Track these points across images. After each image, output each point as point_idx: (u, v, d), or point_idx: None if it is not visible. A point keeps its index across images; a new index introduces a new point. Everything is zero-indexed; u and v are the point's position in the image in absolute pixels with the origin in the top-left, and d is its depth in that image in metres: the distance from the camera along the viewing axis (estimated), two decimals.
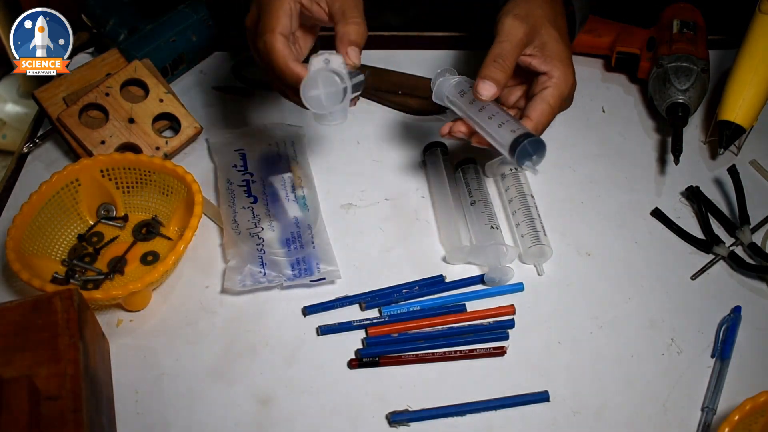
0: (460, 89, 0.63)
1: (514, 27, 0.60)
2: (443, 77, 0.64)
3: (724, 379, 0.60)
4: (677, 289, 0.67)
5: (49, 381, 0.49)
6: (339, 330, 0.62)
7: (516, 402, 0.58)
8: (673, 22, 0.81)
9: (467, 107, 0.61)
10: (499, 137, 0.57)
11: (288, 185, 0.71)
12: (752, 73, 0.75)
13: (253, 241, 0.66)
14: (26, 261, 0.60)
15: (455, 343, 0.62)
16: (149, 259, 0.66)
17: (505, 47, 0.59)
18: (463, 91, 0.62)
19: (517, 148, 0.56)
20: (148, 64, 0.76)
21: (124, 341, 0.62)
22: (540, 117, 0.60)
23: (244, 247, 0.65)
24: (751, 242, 0.69)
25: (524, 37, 0.60)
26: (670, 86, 0.77)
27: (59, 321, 0.52)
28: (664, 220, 0.72)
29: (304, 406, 0.58)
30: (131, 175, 0.68)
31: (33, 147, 0.76)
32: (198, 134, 0.76)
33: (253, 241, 0.66)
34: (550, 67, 0.61)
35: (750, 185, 0.73)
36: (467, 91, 0.62)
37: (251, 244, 0.66)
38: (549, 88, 0.60)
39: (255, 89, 0.83)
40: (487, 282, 0.64)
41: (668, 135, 0.79)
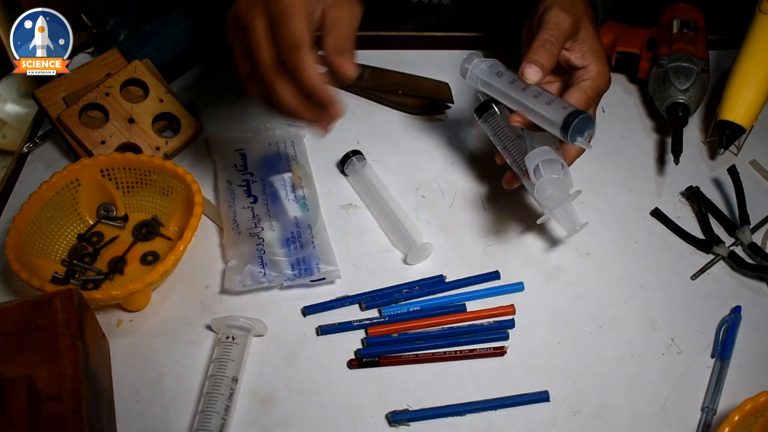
0: (497, 70, 0.63)
1: (561, 17, 0.61)
2: (475, 60, 0.64)
3: (724, 379, 0.60)
4: (677, 289, 0.67)
5: (49, 381, 0.49)
6: (339, 330, 0.62)
7: (516, 402, 0.58)
8: (673, 22, 0.81)
9: (507, 87, 0.61)
10: (549, 115, 0.58)
11: (288, 185, 0.71)
12: (752, 73, 0.75)
13: (253, 241, 0.66)
14: (26, 261, 0.60)
15: (455, 343, 0.62)
16: (149, 259, 0.66)
17: (554, 34, 0.60)
18: (500, 72, 0.62)
19: (570, 125, 0.56)
20: (148, 64, 0.76)
21: (124, 341, 0.62)
22: (577, 104, 0.60)
23: (244, 247, 0.65)
24: (751, 242, 0.69)
25: (570, 29, 0.61)
26: (670, 86, 0.77)
27: (59, 321, 0.52)
28: (664, 220, 0.72)
29: (304, 406, 0.58)
30: (131, 175, 0.68)
31: (33, 147, 0.76)
32: (198, 134, 0.76)
33: (253, 241, 0.66)
34: (589, 61, 0.62)
35: (750, 185, 0.73)
36: (505, 73, 0.62)
37: (251, 244, 0.66)
38: (587, 80, 0.61)
39: None
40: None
41: (668, 135, 0.79)
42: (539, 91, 0.59)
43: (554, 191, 0.59)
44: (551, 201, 0.60)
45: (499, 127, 0.64)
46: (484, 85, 0.63)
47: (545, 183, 0.59)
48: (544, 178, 0.59)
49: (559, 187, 0.59)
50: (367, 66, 0.86)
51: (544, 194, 0.59)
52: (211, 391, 0.56)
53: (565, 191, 0.60)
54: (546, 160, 0.59)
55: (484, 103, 0.64)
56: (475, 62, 0.64)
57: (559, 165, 0.60)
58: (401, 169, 0.76)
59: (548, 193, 0.59)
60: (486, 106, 0.64)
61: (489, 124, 0.65)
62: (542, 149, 0.60)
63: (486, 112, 0.64)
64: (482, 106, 0.64)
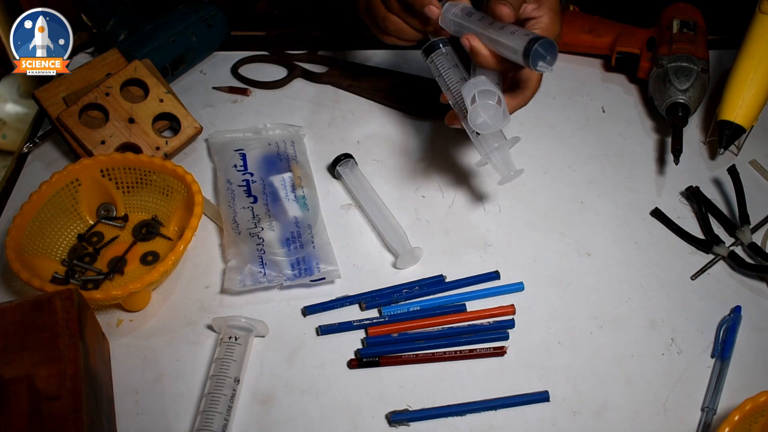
0: (468, 11, 0.63)
1: None
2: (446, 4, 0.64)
3: (724, 379, 0.60)
4: (677, 289, 0.67)
5: (49, 381, 0.49)
6: (339, 330, 0.62)
7: (516, 402, 0.58)
8: (673, 22, 0.81)
9: (476, 24, 0.61)
10: (512, 43, 0.58)
11: (288, 185, 0.71)
12: (752, 73, 0.75)
13: (253, 241, 0.66)
14: (26, 261, 0.60)
15: (455, 343, 0.62)
16: (149, 259, 0.66)
17: None
18: (471, 13, 0.63)
19: (531, 49, 0.56)
20: (148, 64, 0.76)
21: (124, 341, 0.62)
22: None
23: (244, 247, 0.65)
24: (751, 242, 0.69)
25: None
26: (670, 86, 0.77)
27: (59, 321, 0.52)
28: (664, 220, 0.72)
29: (304, 406, 0.58)
30: (131, 175, 0.68)
31: (33, 147, 0.76)
32: (198, 134, 0.76)
33: (253, 241, 0.66)
34: (541, 13, 0.63)
35: (750, 185, 0.73)
36: (474, 12, 0.62)
37: (251, 244, 0.66)
38: (537, 30, 0.62)
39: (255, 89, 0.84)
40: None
41: (668, 135, 0.79)
42: (503, 24, 0.60)
43: (487, 119, 0.59)
44: (484, 128, 0.59)
45: (444, 68, 0.64)
46: (456, 26, 0.64)
47: (478, 108, 0.58)
48: (478, 103, 0.59)
49: (493, 115, 0.59)
50: (367, 66, 0.86)
51: (477, 120, 0.59)
52: (213, 392, 0.56)
53: (498, 119, 0.59)
54: (483, 91, 0.59)
55: (432, 44, 0.64)
56: (446, 6, 0.64)
57: (495, 96, 0.59)
58: (401, 168, 0.76)
59: (481, 120, 0.59)
60: (434, 46, 0.64)
61: (435, 64, 0.64)
62: (479, 79, 0.60)
63: (433, 51, 0.64)
64: (430, 46, 0.64)
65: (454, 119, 0.65)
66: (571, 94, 0.85)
